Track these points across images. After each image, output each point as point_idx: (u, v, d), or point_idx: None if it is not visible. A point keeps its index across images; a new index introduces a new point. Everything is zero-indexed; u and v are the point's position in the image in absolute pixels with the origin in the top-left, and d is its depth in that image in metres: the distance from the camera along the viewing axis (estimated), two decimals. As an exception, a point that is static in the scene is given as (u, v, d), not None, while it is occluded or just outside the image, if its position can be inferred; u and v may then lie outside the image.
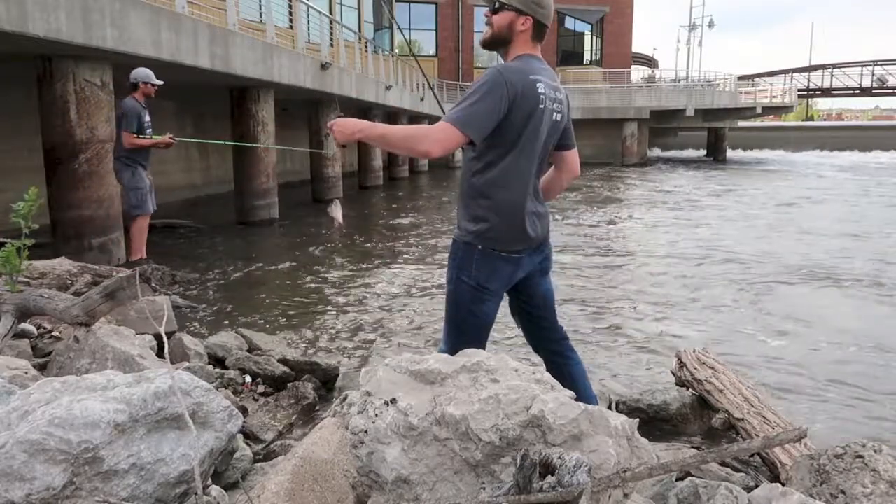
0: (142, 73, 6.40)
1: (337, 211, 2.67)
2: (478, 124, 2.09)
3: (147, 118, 6.43)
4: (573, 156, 2.52)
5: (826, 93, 54.70)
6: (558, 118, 2.33)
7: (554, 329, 2.57)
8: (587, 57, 36.11)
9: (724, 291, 6.27)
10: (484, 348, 2.27)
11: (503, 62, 2.26)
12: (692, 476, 1.98)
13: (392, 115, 20.08)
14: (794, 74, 51.36)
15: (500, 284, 2.33)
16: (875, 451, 1.79)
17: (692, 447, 2.82)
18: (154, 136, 6.44)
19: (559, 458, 1.45)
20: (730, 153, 34.40)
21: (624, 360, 4.40)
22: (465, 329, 2.34)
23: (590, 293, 6.25)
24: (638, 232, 10.34)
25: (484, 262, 2.27)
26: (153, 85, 6.43)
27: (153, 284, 5.53)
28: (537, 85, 2.20)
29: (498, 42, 2.28)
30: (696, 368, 3.35)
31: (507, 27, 2.26)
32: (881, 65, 51.13)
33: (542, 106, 2.21)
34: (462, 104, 2.11)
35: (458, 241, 2.32)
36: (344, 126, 2.19)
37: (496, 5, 2.26)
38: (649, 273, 7.13)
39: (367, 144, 18.34)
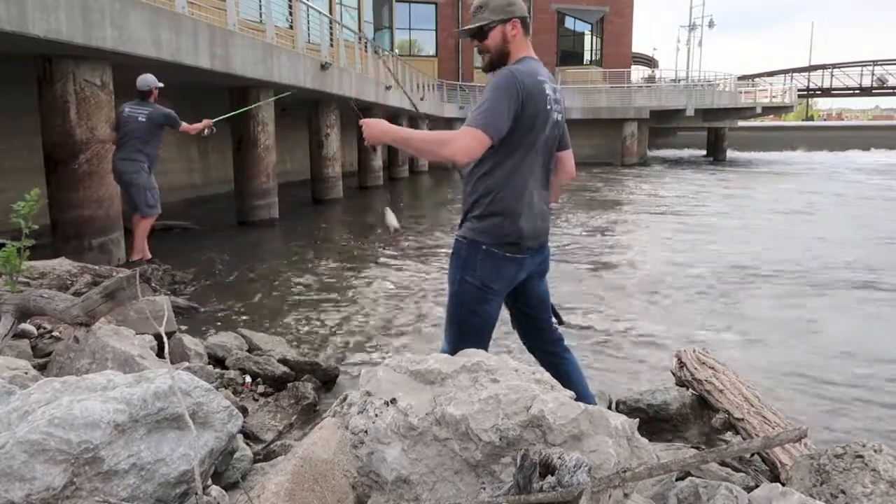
0: (151, 79, 6.57)
1: (391, 218, 2.72)
2: (498, 126, 2.14)
3: None
4: (569, 157, 2.54)
5: (826, 93, 54.69)
6: (559, 118, 2.37)
7: (549, 330, 2.58)
8: (587, 57, 36.09)
9: (724, 295, 6.26)
10: (486, 349, 2.27)
11: (515, 65, 2.27)
12: (692, 476, 1.98)
13: (392, 116, 20.08)
14: (794, 74, 51.35)
15: (504, 284, 2.34)
16: (875, 451, 1.79)
17: (692, 447, 2.82)
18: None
19: (559, 458, 1.45)
20: (729, 153, 34.39)
21: (624, 360, 4.40)
22: (468, 329, 2.35)
23: (589, 295, 6.25)
24: (637, 236, 10.34)
25: (488, 262, 2.28)
26: (158, 88, 6.68)
27: (153, 284, 5.53)
28: (544, 86, 2.25)
29: (500, 59, 2.32)
30: (696, 368, 3.35)
31: (501, 42, 2.30)
32: (881, 65, 51.13)
33: (548, 107, 2.26)
34: (481, 108, 2.15)
35: (463, 240, 2.33)
36: (374, 127, 2.25)
37: (483, 30, 2.30)
38: (650, 276, 7.13)
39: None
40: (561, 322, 2.76)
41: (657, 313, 5.54)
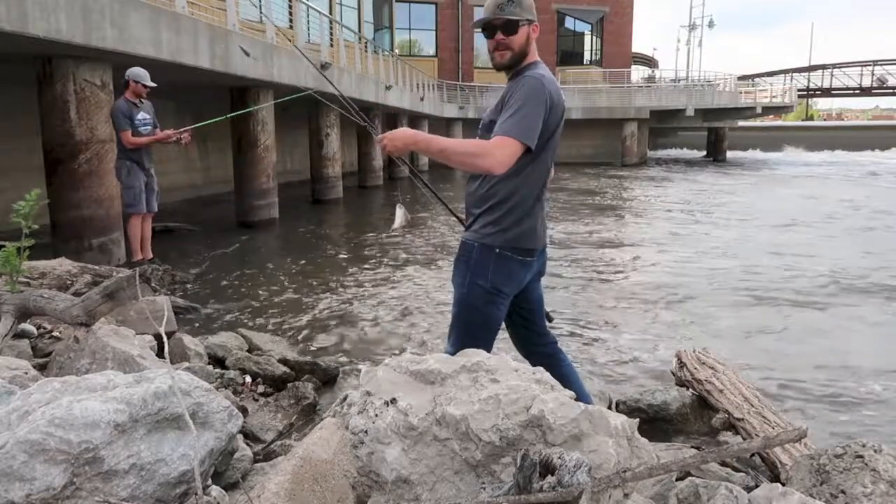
0: (135, 72, 6.39)
1: (399, 216, 2.66)
2: (533, 134, 2.12)
3: (142, 116, 6.42)
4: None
5: (826, 93, 54.66)
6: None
7: (544, 333, 2.59)
8: (587, 57, 36.10)
9: (726, 299, 6.27)
10: (490, 351, 2.27)
11: (538, 71, 2.24)
12: (692, 476, 1.98)
13: (392, 116, 20.08)
14: (794, 74, 51.32)
15: (514, 287, 2.35)
16: (875, 451, 1.79)
17: (692, 447, 2.82)
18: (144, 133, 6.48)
19: (559, 458, 1.45)
20: (730, 153, 34.37)
21: (624, 360, 4.40)
22: (476, 332, 2.34)
23: (590, 297, 6.25)
24: (636, 239, 10.34)
25: (501, 266, 2.28)
26: (144, 85, 6.39)
27: (153, 284, 5.52)
28: (562, 93, 2.27)
29: (520, 59, 2.28)
30: (696, 368, 3.35)
31: (526, 42, 2.27)
32: (881, 65, 51.10)
33: (563, 112, 2.29)
34: (513, 116, 2.11)
35: (473, 242, 2.32)
36: (397, 137, 2.18)
37: (516, 26, 2.23)
38: (650, 280, 7.13)
39: (367, 144, 18.20)
40: (549, 319, 2.75)
41: (658, 315, 5.54)
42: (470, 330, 2.36)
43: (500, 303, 2.33)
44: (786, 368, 4.22)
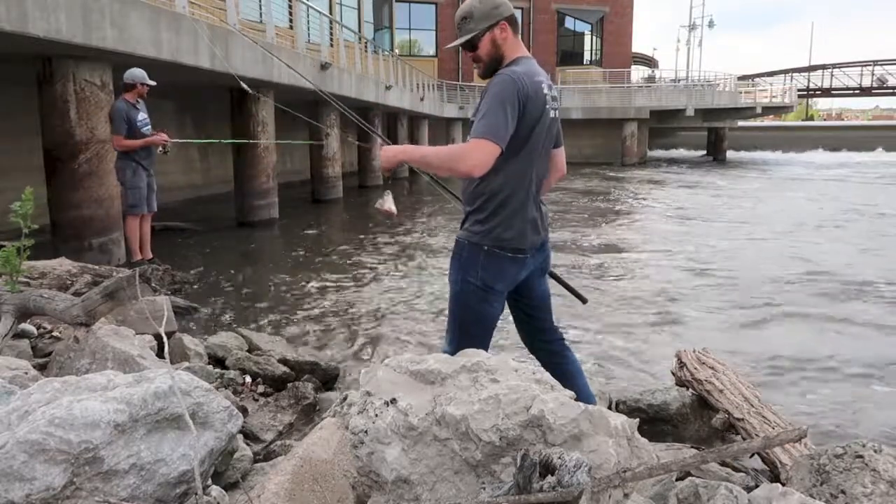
0: (136, 73, 6.41)
1: (389, 201, 2.60)
2: (504, 134, 2.13)
3: (141, 116, 6.43)
4: (561, 154, 2.53)
5: (826, 93, 54.63)
6: (554, 115, 2.37)
7: (550, 329, 2.58)
8: (587, 57, 36.09)
9: (725, 300, 6.27)
10: (487, 349, 2.28)
11: (511, 68, 2.25)
12: (692, 476, 1.98)
13: (392, 116, 20.06)
14: (794, 74, 51.31)
15: (506, 284, 2.34)
16: (875, 451, 1.79)
17: (692, 447, 2.82)
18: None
19: (559, 458, 1.45)
20: (730, 153, 34.36)
21: (624, 360, 4.40)
22: (470, 329, 2.35)
23: (589, 297, 6.25)
24: (636, 240, 10.34)
25: (490, 263, 2.28)
26: (147, 85, 6.44)
27: (153, 284, 5.53)
28: (542, 86, 2.25)
29: (495, 64, 2.31)
30: (696, 368, 3.35)
31: (492, 47, 2.29)
32: (881, 65, 51.07)
33: (546, 107, 2.26)
34: (485, 117, 2.13)
35: (464, 241, 2.33)
36: (387, 152, 2.33)
37: (473, 41, 2.28)
38: (650, 281, 7.13)
39: (366, 143, 18.24)
40: (584, 300, 2.84)
41: (657, 316, 5.54)
42: (464, 327, 2.37)
43: (494, 300, 2.34)
44: (785, 369, 4.22)
